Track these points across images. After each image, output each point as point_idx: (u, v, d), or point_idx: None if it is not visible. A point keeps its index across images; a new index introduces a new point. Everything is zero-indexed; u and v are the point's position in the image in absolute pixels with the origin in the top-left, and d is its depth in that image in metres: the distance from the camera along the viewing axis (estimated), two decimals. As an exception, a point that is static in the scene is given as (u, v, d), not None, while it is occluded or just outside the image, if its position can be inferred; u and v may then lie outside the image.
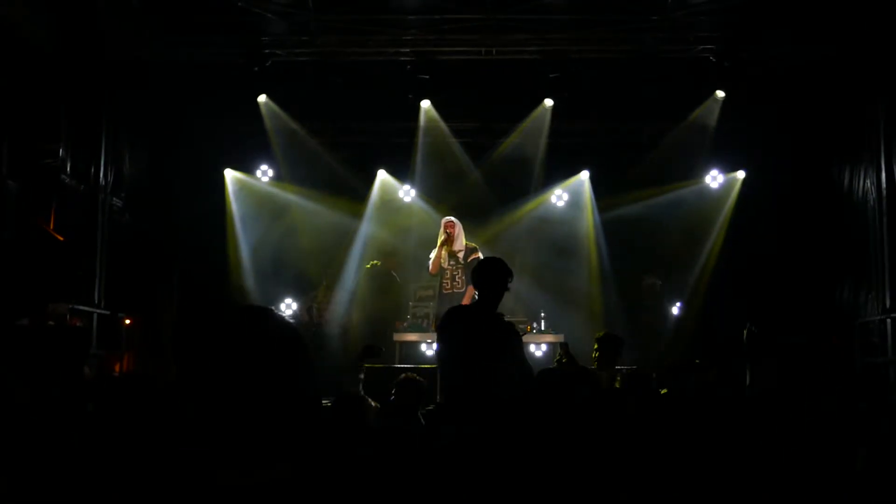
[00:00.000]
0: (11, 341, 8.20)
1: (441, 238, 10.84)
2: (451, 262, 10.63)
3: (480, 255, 10.31)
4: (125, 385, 4.75)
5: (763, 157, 13.60)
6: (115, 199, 11.89)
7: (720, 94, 12.70)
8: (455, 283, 10.60)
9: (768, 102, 12.79)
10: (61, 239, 10.12)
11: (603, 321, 12.88)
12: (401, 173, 14.36)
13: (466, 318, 5.91)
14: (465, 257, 10.66)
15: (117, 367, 11.14)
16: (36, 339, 8.43)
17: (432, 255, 10.97)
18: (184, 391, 2.04)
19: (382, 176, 14.46)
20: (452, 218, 10.99)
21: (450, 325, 5.87)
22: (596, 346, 8.04)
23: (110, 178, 11.71)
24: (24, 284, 9.11)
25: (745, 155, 13.83)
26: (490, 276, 5.91)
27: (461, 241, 10.86)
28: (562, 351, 8.09)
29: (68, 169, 10.56)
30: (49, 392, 5.88)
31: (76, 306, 10.02)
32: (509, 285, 5.88)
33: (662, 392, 5.59)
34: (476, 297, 6.11)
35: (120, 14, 11.27)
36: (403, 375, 6.89)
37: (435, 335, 11.89)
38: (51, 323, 9.30)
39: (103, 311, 10.85)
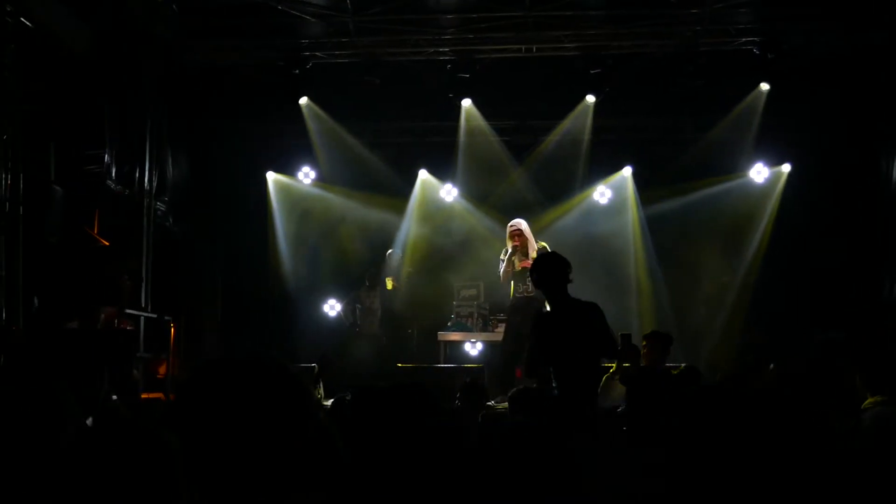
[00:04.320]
0: (61, 344, 8.30)
1: (509, 249, 10.53)
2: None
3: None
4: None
5: (809, 149, 13.38)
6: (158, 203, 11.99)
7: (764, 86, 12.47)
8: (527, 287, 10.36)
9: (814, 94, 12.57)
10: (106, 244, 10.21)
11: (651, 318, 12.75)
12: (442, 172, 14.31)
13: (569, 313, 6.35)
14: None
15: (162, 371, 11.20)
16: (86, 341, 8.51)
17: (503, 258, 10.75)
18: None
19: (423, 175, 14.44)
20: (518, 225, 10.61)
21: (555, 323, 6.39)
22: (644, 343, 7.96)
23: (154, 183, 11.79)
24: (72, 288, 9.21)
25: (790, 148, 13.62)
26: (554, 270, 6.50)
27: (533, 246, 10.47)
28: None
29: (113, 174, 10.65)
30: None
31: (124, 310, 10.11)
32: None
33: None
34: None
35: (161, 20, 11.35)
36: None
37: (480, 335, 11.99)
38: (100, 326, 9.40)
39: (150, 315, 10.92)
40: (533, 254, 10.31)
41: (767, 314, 12.83)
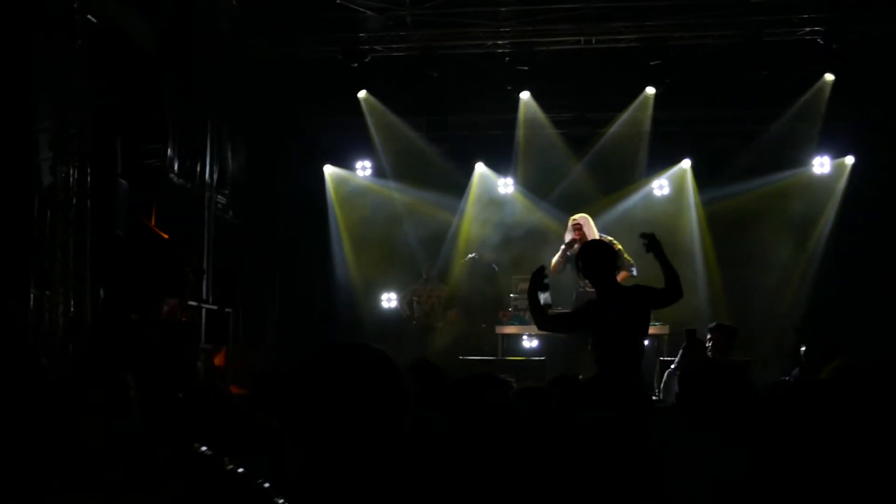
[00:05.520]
0: (124, 336, 8.44)
1: (567, 240, 10.42)
2: None
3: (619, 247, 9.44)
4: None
5: (874, 141, 13.12)
6: (219, 196, 12.13)
7: (829, 77, 12.24)
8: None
9: (879, 84, 12.31)
10: (166, 237, 10.35)
11: (714, 311, 12.59)
12: (500, 166, 14.29)
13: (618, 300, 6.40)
14: None
15: (218, 361, 11.34)
16: (148, 334, 8.64)
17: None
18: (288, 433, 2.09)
19: (480, 169, 14.42)
20: (580, 219, 10.36)
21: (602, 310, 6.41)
22: (709, 337, 7.88)
23: (215, 176, 11.93)
24: (137, 280, 9.35)
25: (854, 140, 13.38)
26: (599, 259, 6.60)
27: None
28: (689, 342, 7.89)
29: (175, 168, 10.77)
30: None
31: (186, 302, 10.25)
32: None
33: None
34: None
35: (221, 14, 11.47)
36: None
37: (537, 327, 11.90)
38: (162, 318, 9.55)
39: (211, 307, 11.05)
40: None
41: (831, 308, 12.61)
